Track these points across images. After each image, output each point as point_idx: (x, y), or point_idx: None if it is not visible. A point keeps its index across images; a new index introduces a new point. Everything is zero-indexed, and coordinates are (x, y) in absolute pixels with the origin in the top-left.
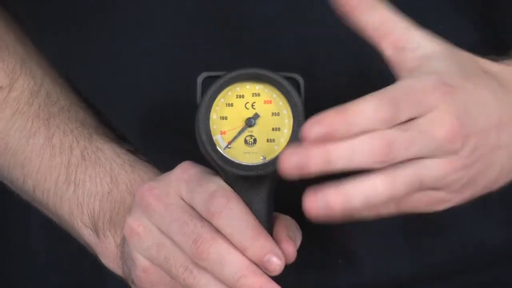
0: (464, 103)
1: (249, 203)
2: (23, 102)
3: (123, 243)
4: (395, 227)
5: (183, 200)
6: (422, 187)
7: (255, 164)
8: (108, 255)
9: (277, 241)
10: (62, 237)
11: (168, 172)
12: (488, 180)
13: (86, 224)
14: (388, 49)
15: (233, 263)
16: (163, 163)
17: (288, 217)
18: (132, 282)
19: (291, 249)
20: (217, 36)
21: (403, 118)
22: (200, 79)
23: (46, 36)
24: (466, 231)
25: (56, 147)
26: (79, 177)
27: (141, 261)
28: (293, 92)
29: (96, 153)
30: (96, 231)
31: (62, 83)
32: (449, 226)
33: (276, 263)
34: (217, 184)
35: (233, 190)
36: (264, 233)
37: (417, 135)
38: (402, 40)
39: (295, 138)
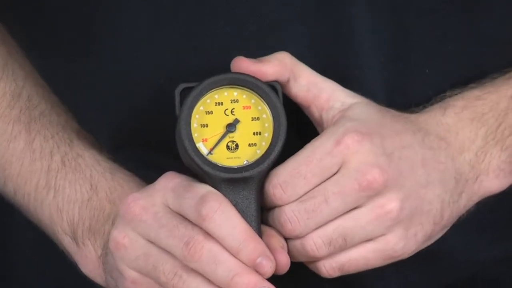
0: (382, 148)
1: (236, 206)
2: (4, 105)
3: (106, 254)
4: None
5: (169, 208)
6: (351, 241)
7: (239, 166)
8: (88, 263)
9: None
10: (47, 239)
11: (152, 184)
12: (428, 216)
13: (65, 232)
14: (316, 112)
15: (226, 262)
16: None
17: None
18: None
19: (284, 259)
20: (200, 65)
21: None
22: (177, 91)
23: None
24: (457, 253)
25: (37, 152)
26: (59, 183)
27: (130, 273)
28: (272, 95)
29: (77, 159)
30: (75, 239)
31: (43, 85)
32: (441, 249)
33: (268, 265)
34: (206, 189)
35: (222, 195)
36: (255, 236)
37: (332, 196)
38: (330, 100)
39: (277, 139)
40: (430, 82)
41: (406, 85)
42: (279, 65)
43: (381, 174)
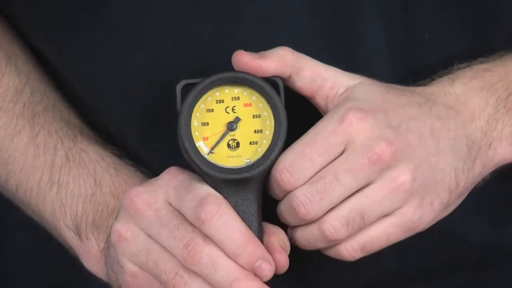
0: (387, 121)
1: (236, 207)
2: (7, 100)
3: (108, 247)
4: None
5: (171, 206)
6: (369, 219)
7: (240, 167)
8: (91, 258)
9: (269, 251)
10: (43, 235)
11: (155, 178)
12: (443, 184)
13: (68, 226)
14: (322, 102)
15: (226, 266)
16: (159, 160)
17: (277, 227)
18: (120, 287)
19: (284, 259)
20: (213, 30)
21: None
22: (179, 87)
23: (44, 33)
24: (453, 230)
25: (40, 147)
26: (63, 178)
27: (130, 267)
28: (273, 93)
29: (81, 154)
30: (78, 233)
31: (47, 81)
32: (436, 225)
33: (267, 269)
34: (207, 190)
35: (222, 197)
36: (254, 240)
37: (343, 174)
38: (334, 88)
39: (277, 139)
40: (430, 49)
41: (408, 52)
42: (279, 62)
43: (388, 146)
